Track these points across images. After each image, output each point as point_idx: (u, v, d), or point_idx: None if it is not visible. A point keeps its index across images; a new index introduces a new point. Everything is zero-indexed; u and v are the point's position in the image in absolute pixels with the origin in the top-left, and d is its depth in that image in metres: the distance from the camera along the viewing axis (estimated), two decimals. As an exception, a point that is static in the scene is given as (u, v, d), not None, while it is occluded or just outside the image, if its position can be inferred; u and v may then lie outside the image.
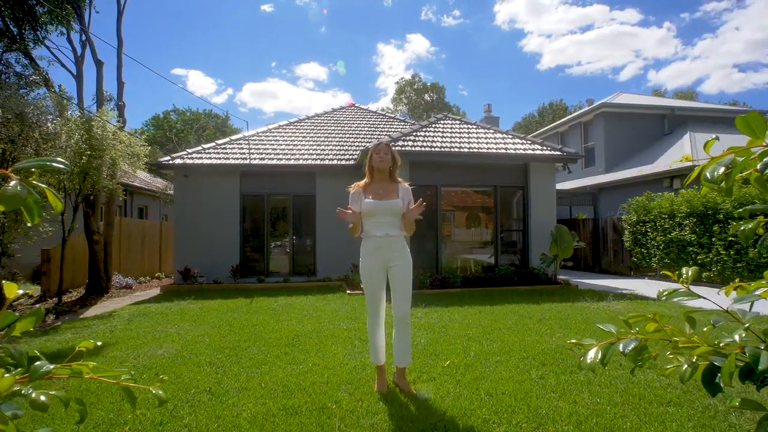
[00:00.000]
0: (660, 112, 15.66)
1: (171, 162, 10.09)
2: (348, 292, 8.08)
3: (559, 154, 9.85)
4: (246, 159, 10.39)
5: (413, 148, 9.17)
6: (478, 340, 4.58)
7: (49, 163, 0.67)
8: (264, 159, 10.48)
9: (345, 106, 15.71)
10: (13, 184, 0.59)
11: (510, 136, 10.58)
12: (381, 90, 69.63)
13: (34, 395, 0.61)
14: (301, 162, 10.53)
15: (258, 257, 10.57)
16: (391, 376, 3.32)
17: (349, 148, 11.55)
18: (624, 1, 62.58)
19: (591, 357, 0.77)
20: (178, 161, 10.11)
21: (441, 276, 8.89)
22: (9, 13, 9.35)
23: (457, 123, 11.28)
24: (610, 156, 15.14)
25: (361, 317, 5.72)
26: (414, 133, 10.12)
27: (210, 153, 10.70)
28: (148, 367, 3.78)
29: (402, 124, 14.25)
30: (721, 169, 0.69)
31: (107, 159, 8.06)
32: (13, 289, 0.73)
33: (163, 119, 35.67)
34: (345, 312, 6.26)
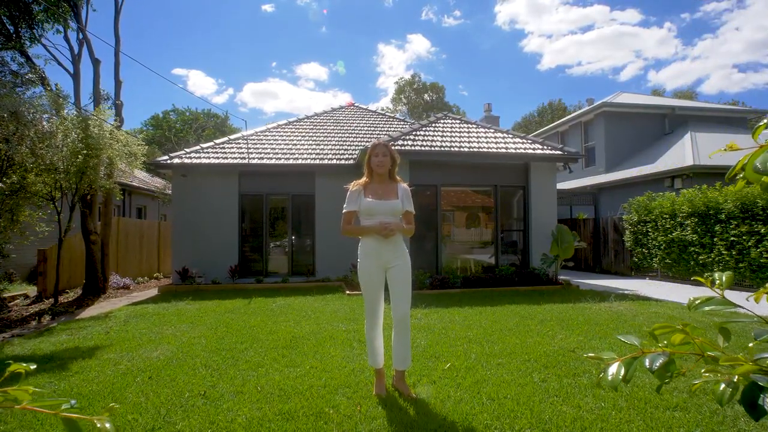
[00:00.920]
0: (661, 112, 15.58)
1: (169, 161, 10.01)
2: (347, 292, 8.01)
3: (559, 153, 9.78)
4: (245, 158, 10.30)
5: (413, 148, 9.10)
6: (478, 341, 4.50)
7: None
8: (263, 158, 10.40)
9: (344, 105, 15.63)
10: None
11: (510, 136, 10.50)
12: (381, 90, 69.56)
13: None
14: (300, 162, 10.44)
15: (257, 257, 10.49)
16: (390, 379, 3.25)
17: (349, 147, 11.47)
18: (624, 1, 62.62)
19: (612, 373, 0.68)
20: (177, 161, 10.03)
21: (441, 276, 8.81)
22: (5, 10, 9.26)
23: (457, 122, 11.21)
24: (611, 156, 15.06)
25: (360, 318, 5.64)
26: (414, 133, 10.05)
27: (208, 152, 10.62)
28: (142, 370, 3.71)
29: (402, 123, 14.16)
30: None
31: (104, 158, 7.97)
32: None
33: (162, 119, 35.55)
34: (344, 313, 6.18)
